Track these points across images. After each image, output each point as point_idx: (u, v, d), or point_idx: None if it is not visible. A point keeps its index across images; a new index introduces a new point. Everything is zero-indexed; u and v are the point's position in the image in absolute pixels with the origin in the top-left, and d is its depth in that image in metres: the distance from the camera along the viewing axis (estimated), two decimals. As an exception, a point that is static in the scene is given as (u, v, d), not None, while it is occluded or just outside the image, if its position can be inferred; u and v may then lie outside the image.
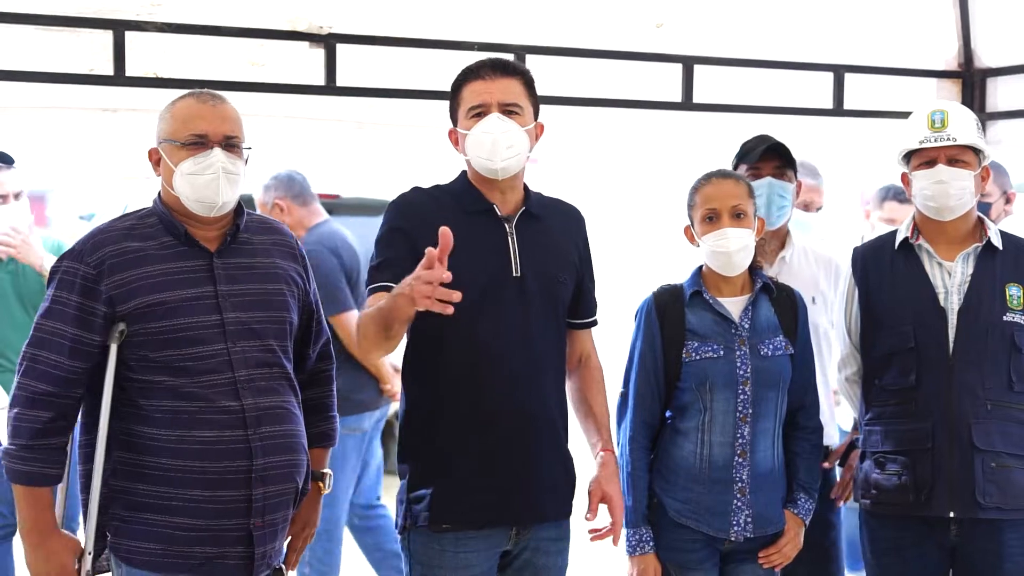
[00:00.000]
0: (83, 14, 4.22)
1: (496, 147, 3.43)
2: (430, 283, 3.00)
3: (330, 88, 4.55)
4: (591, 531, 3.63)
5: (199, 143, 3.32)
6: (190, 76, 4.21)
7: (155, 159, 3.42)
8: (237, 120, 3.41)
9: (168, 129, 3.37)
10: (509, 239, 3.51)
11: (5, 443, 3.31)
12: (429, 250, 3.03)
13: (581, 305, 3.70)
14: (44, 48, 4.22)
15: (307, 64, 4.53)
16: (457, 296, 3.00)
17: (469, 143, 3.48)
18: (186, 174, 3.31)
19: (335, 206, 9.31)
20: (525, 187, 3.61)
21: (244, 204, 3.49)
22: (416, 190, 3.59)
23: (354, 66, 4.57)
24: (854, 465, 4.16)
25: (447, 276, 3.01)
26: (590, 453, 3.68)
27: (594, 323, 3.77)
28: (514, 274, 3.49)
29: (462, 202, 3.53)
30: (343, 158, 12.89)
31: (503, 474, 3.47)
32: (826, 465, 4.26)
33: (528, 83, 3.54)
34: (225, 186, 3.32)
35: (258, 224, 3.55)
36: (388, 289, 3.34)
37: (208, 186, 3.31)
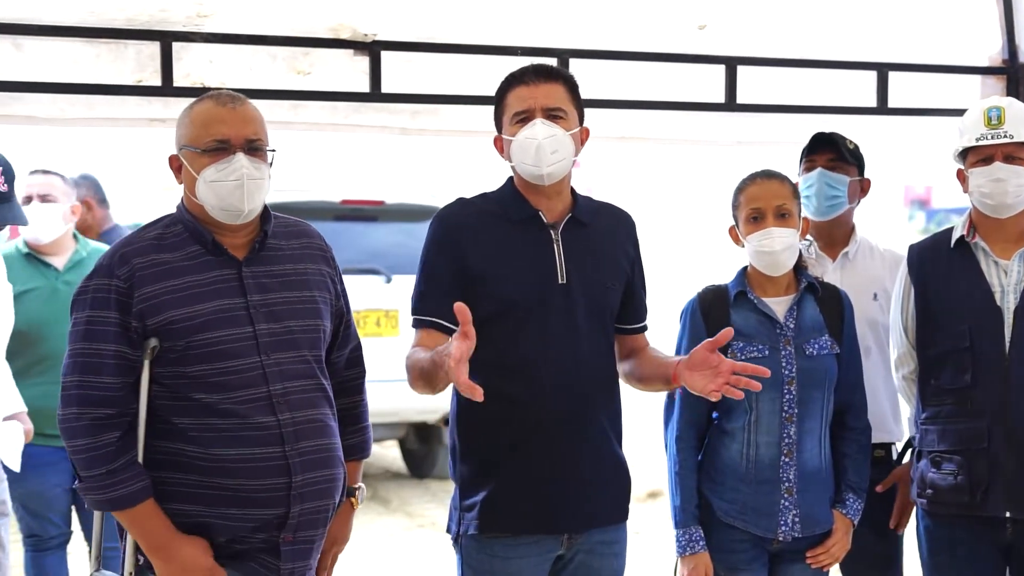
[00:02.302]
0: (131, 26, 4.25)
1: (541, 153, 3.40)
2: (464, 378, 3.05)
3: (375, 95, 4.56)
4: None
5: (221, 148, 3.23)
6: (237, 85, 4.23)
7: (176, 166, 3.33)
8: (259, 121, 3.31)
9: (188, 135, 3.27)
10: (555, 246, 3.49)
11: (80, 476, 3.22)
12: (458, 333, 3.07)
13: (631, 310, 3.67)
14: (92, 60, 4.25)
15: (352, 72, 4.54)
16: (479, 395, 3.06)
17: (514, 149, 3.46)
18: (209, 182, 3.22)
19: (380, 212, 9.39)
20: (573, 192, 3.59)
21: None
22: (459, 202, 3.58)
23: (398, 73, 4.58)
24: (909, 494, 4.15)
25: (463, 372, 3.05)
26: (672, 373, 3.47)
27: (644, 328, 3.74)
28: (560, 281, 3.47)
29: (507, 210, 3.53)
30: (388, 164, 12.96)
31: (551, 481, 3.46)
32: (879, 489, 4.24)
33: (572, 87, 3.52)
34: (251, 192, 3.23)
35: (286, 228, 3.44)
36: (432, 324, 3.45)
37: (232, 194, 3.22)
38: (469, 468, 3.52)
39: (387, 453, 11.19)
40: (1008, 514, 3.85)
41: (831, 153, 4.34)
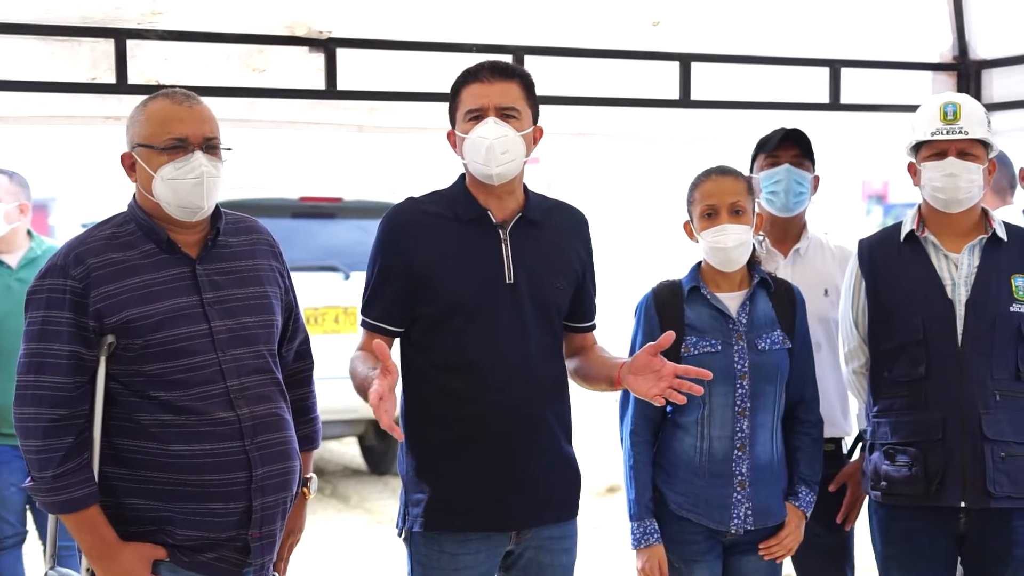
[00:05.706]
0: (85, 23, 4.23)
1: (491, 152, 3.40)
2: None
3: (330, 92, 4.57)
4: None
5: (179, 146, 3.23)
6: (192, 83, 4.22)
7: (128, 164, 3.32)
8: (214, 120, 3.32)
9: (143, 132, 3.27)
10: (503, 246, 3.49)
11: (32, 476, 3.21)
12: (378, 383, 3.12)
13: (580, 309, 3.69)
14: (46, 58, 4.24)
15: (307, 69, 4.54)
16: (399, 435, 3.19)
17: (466, 147, 3.46)
18: (167, 179, 3.22)
19: (338, 209, 9.39)
20: (526, 190, 3.59)
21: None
22: (409, 202, 3.57)
23: (354, 70, 4.58)
24: (860, 488, 4.19)
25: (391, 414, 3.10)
26: (616, 375, 3.52)
27: (592, 327, 3.76)
28: (507, 281, 3.48)
29: (456, 210, 3.52)
30: (345, 162, 12.97)
31: (496, 480, 3.47)
32: (831, 489, 4.27)
33: (527, 86, 3.51)
34: (210, 190, 3.24)
35: (234, 224, 3.45)
36: (377, 329, 3.50)
37: (192, 191, 3.22)
38: (416, 464, 3.53)
39: (346, 450, 11.18)
40: (963, 504, 3.89)
41: (796, 149, 4.36)
